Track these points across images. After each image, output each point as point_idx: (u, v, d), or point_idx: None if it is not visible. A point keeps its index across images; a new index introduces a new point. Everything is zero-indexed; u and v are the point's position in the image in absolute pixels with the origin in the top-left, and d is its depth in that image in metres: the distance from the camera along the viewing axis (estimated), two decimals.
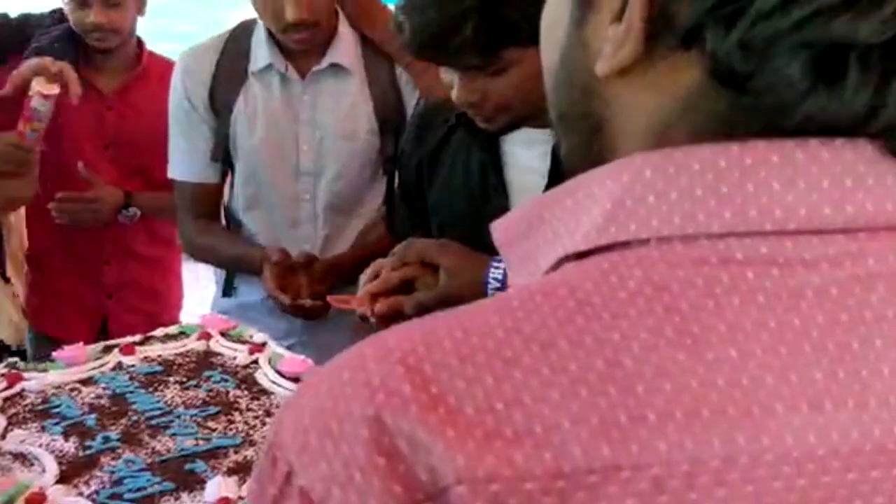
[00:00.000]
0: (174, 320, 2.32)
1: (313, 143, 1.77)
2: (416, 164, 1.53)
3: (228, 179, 1.86)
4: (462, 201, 1.46)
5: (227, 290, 1.89)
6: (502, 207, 1.41)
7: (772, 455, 0.36)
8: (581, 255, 0.42)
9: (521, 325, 0.39)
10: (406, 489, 0.36)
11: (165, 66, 2.22)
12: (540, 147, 1.37)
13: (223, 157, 1.80)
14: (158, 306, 2.30)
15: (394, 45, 1.71)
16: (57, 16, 2.14)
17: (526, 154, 1.39)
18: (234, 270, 1.84)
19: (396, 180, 1.69)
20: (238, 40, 1.79)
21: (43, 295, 2.29)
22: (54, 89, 1.87)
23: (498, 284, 1.33)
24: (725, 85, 0.40)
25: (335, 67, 1.75)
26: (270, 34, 1.71)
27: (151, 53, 2.23)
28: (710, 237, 0.39)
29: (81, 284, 2.23)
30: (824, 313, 0.38)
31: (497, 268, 1.34)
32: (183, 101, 1.79)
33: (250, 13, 1.70)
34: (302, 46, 1.69)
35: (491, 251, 1.36)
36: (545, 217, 0.45)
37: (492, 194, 1.43)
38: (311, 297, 1.60)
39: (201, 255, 1.90)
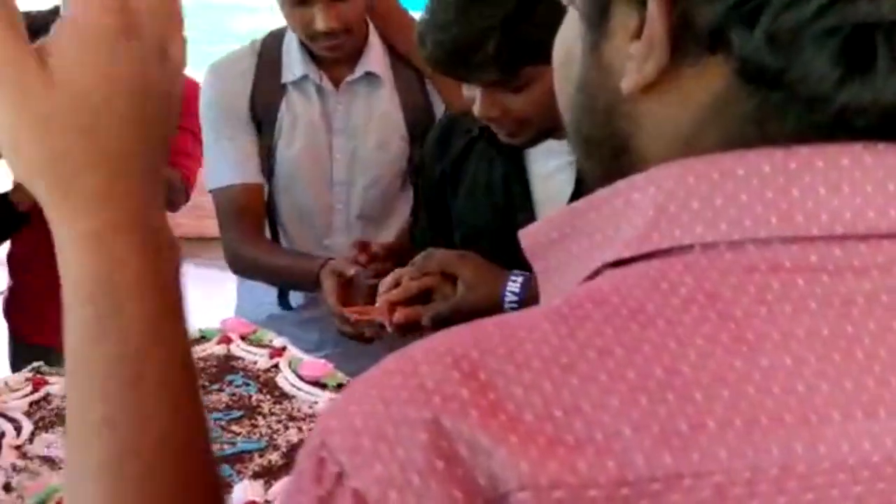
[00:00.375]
0: None
1: (346, 152, 1.77)
2: (439, 175, 1.54)
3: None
4: (486, 213, 1.47)
5: (284, 302, 1.85)
6: (527, 219, 1.42)
7: (828, 463, 0.37)
8: (620, 263, 0.43)
9: (575, 332, 0.39)
10: (465, 494, 0.36)
11: None
12: (562, 157, 1.38)
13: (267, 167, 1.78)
14: None
15: (419, 56, 1.72)
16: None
17: (549, 164, 1.40)
18: (285, 286, 1.77)
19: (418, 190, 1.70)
20: (270, 50, 1.79)
21: (21, 301, 2.27)
22: None
23: (515, 297, 1.34)
24: (755, 82, 0.40)
25: (368, 76, 1.75)
26: (303, 44, 1.71)
27: None
28: (757, 243, 0.40)
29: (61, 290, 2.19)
30: (875, 320, 0.39)
31: (514, 281, 1.35)
32: (220, 110, 1.77)
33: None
34: (332, 54, 1.69)
35: (516, 263, 1.36)
36: (578, 225, 0.46)
37: (516, 206, 1.43)
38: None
39: (247, 269, 1.80)
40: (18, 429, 1.15)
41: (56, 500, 1.00)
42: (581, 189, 1.38)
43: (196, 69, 2.08)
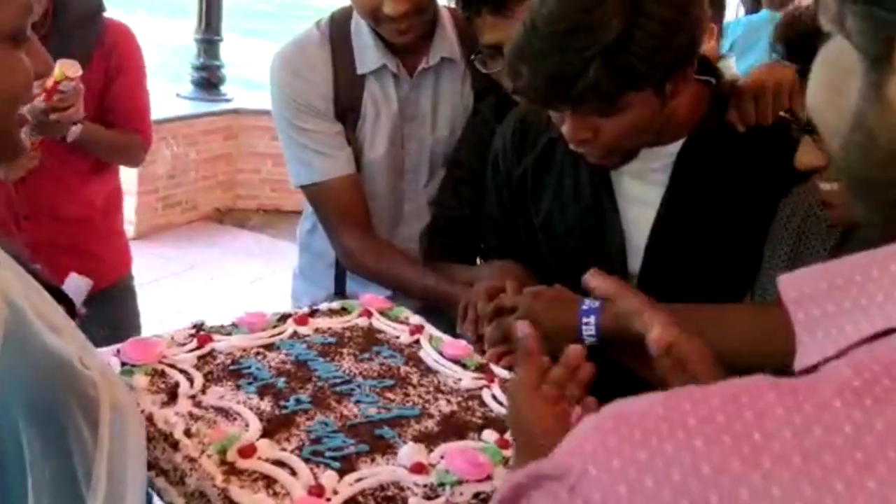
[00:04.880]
0: (112, 282, 2.22)
1: (417, 140, 1.77)
2: (520, 174, 1.53)
3: None
4: (573, 215, 1.47)
5: (340, 289, 1.87)
6: (613, 220, 1.43)
7: None
8: None
9: (873, 419, 0.38)
10: None
11: (121, 29, 2.20)
12: (649, 160, 1.38)
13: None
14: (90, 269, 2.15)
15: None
16: None
17: (638, 167, 1.39)
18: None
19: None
20: (340, 39, 1.74)
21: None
22: (79, 71, 1.90)
23: (593, 338, 1.31)
24: None
25: (443, 62, 1.73)
26: (374, 31, 1.68)
27: (110, 20, 2.19)
28: None
29: None
30: None
31: (588, 324, 1.32)
32: (301, 105, 1.74)
33: None
34: (400, 39, 1.66)
35: (601, 263, 1.32)
36: (857, 280, 0.42)
37: (604, 207, 1.44)
38: None
39: (370, 275, 1.80)
40: (191, 380, 1.20)
41: (236, 448, 1.04)
42: (675, 195, 1.39)
43: (277, 42, 2.05)
